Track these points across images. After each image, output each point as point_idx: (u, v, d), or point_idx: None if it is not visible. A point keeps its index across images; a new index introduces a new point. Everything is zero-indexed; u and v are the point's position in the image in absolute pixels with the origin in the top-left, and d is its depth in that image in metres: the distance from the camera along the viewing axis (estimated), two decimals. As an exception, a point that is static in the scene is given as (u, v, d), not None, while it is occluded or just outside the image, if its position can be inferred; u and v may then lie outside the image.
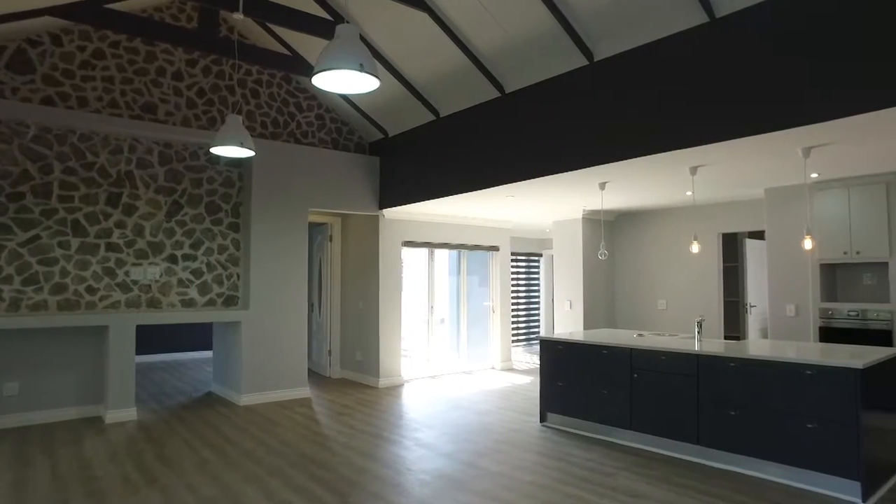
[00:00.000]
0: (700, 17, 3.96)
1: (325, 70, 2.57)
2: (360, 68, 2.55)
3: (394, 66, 5.99)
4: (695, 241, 5.47)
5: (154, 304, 6.03)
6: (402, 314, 7.61)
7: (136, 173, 5.96)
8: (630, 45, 4.42)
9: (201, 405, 6.23)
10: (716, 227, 7.22)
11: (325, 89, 3.15)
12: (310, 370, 8.32)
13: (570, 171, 4.86)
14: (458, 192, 6.06)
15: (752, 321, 7.27)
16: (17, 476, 3.91)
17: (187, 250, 6.26)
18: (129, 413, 5.53)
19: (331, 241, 8.11)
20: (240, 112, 6.64)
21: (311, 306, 8.42)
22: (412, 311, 8.74)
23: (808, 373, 3.73)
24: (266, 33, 6.41)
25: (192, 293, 6.28)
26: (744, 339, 6.99)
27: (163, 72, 6.14)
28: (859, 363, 3.52)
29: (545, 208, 7.44)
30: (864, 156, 4.50)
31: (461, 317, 8.77)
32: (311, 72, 4.88)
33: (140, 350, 9.38)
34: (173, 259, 6.16)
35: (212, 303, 6.41)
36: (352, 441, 4.83)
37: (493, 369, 8.70)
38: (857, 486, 3.51)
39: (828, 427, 3.63)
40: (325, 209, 7.03)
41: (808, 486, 3.71)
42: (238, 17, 4.23)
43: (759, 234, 7.85)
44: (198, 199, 6.35)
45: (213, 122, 6.45)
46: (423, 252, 8.33)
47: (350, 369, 7.89)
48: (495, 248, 8.87)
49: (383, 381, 7.33)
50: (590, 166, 4.71)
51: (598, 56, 4.65)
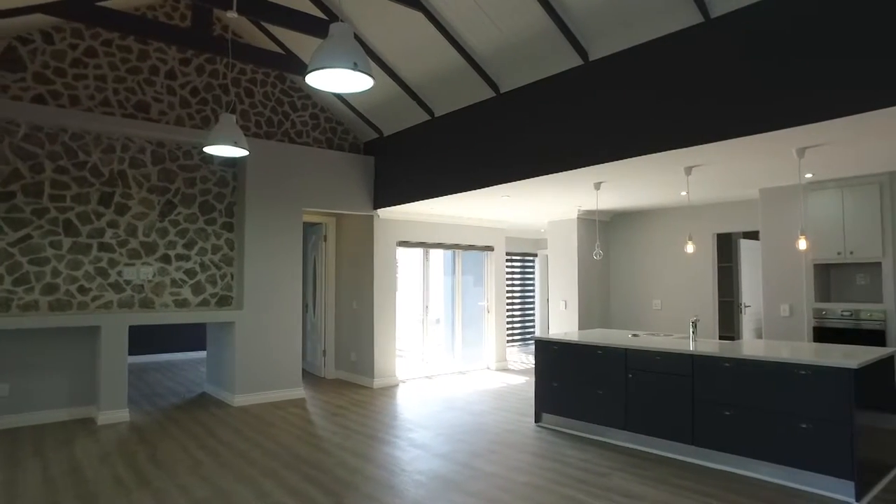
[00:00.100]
0: (695, 18, 3.96)
1: (318, 69, 2.55)
2: (354, 67, 2.54)
3: (388, 65, 5.97)
4: (690, 242, 5.49)
5: (147, 304, 5.99)
6: (396, 314, 7.59)
7: (128, 172, 5.92)
8: (625, 45, 4.42)
9: (195, 406, 6.19)
10: (710, 227, 7.24)
11: (319, 88, 3.14)
12: (304, 371, 8.29)
13: (565, 171, 4.86)
14: (452, 192, 6.05)
15: (747, 321, 7.29)
16: (6, 478, 3.87)
17: (181, 250, 6.22)
18: (121, 414, 5.49)
19: (325, 241, 8.09)
20: (234, 111, 6.60)
21: (305, 306, 8.39)
22: (407, 312, 8.72)
23: (803, 373, 3.74)
24: (260, 32, 6.38)
25: (186, 293, 6.24)
26: (738, 339, 7.01)
27: (156, 70, 6.10)
28: (853, 363, 3.53)
29: (540, 208, 7.43)
30: (858, 156, 4.52)
31: (456, 317, 8.76)
32: (305, 71, 4.85)
33: (133, 350, 9.32)
34: (166, 259, 6.12)
35: (205, 303, 6.37)
36: (346, 442, 4.81)
37: (488, 369, 8.70)
38: (850, 485, 3.52)
39: (822, 427, 3.64)
40: (319, 209, 7.01)
41: (803, 486, 3.72)
42: (232, 15, 4.20)
43: (753, 235, 7.88)
44: (191, 199, 6.31)
45: (207, 122, 6.41)
46: (417, 252, 8.31)
47: (345, 370, 7.87)
48: (490, 248, 8.86)
49: (378, 382, 7.31)
50: (585, 166, 4.71)
51: (594, 56, 4.65)
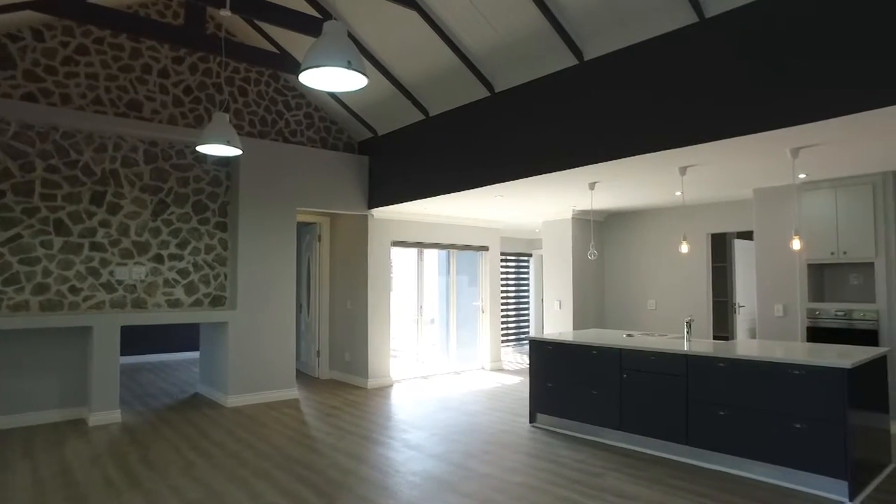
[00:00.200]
0: (689, 18, 3.96)
1: (312, 67, 2.53)
2: (348, 65, 2.52)
3: (383, 64, 5.95)
4: (684, 242, 5.49)
5: (139, 304, 5.95)
6: (391, 314, 7.57)
7: (120, 172, 5.87)
8: (620, 45, 4.41)
9: (187, 407, 6.15)
10: (705, 227, 7.25)
11: (313, 87, 3.11)
12: (298, 371, 8.25)
13: (560, 170, 4.86)
14: (447, 192, 6.04)
15: (741, 321, 7.31)
16: (-4, 480, 3.83)
17: (173, 250, 6.18)
18: (113, 415, 5.44)
19: (319, 240, 8.05)
20: (227, 110, 6.56)
21: (299, 306, 8.36)
22: (401, 312, 8.70)
23: (796, 373, 3.74)
24: (254, 30, 6.35)
25: (179, 293, 6.20)
26: (732, 339, 7.03)
27: (148, 69, 6.05)
28: (847, 363, 3.54)
29: (535, 208, 7.43)
30: (852, 157, 4.53)
31: (451, 317, 8.75)
32: (298, 69, 4.83)
33: (125, 351, 9.26)
34: (159, 259, 6.08)
35: (198, 303, 6.33)
36: (340, 443, 4.78)
37: (482, 370, 8.68)
38: (844, 485, 3.53)
39: (815, 427, 3.65)
40: (313, 208, 6.97)
41: (796, 486, 3.73)
42: (225, 13, 4.17)
43: (747, 235, 7.90)
44: (184, 198, 6.27)
45: (200, 121, 6.37)
46: (412, 252, 8.29)
47: (339, 370, 7.84)
48: (485, 248, 8.85)
49: (372, 382, 7.28)
50: (579, 166, 4.71)
51: (588, 55, 4.64)
